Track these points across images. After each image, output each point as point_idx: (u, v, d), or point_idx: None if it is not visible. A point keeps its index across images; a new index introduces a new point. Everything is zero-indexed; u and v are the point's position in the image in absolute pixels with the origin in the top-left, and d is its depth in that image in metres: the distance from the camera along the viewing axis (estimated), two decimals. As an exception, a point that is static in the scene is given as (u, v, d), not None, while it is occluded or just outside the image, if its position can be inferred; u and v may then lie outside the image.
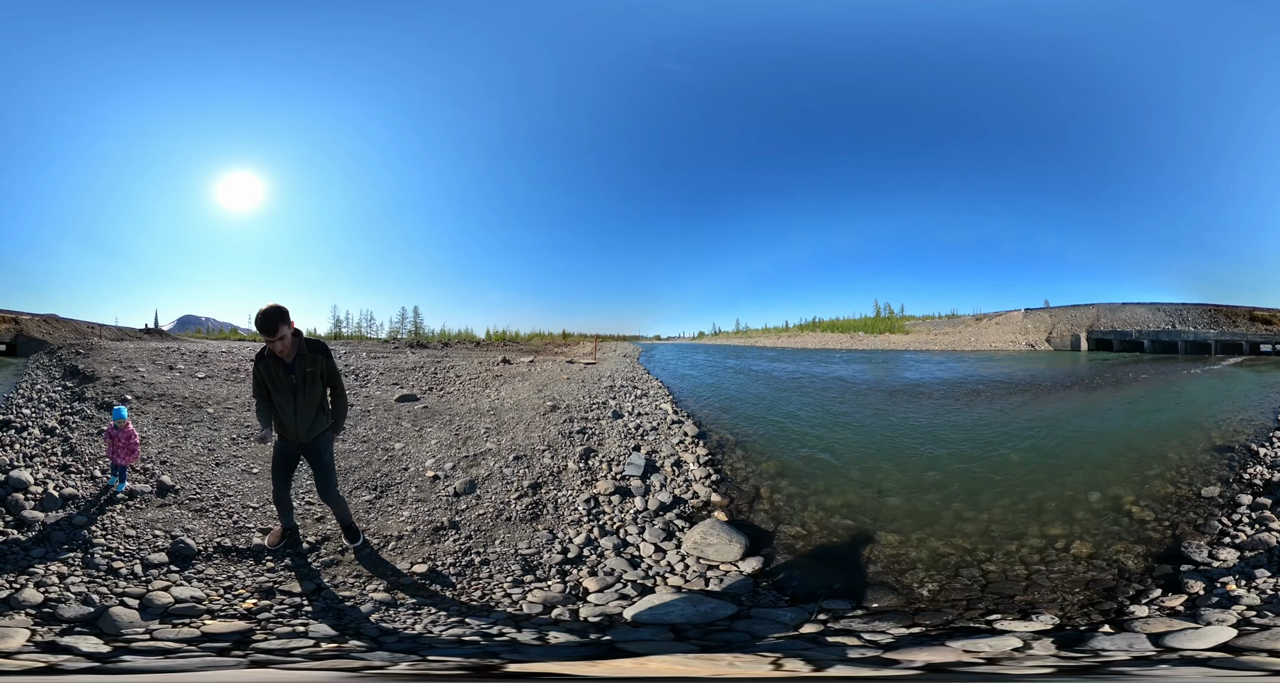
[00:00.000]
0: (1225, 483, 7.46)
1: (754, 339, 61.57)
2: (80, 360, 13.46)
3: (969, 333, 50.91)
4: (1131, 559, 5.81)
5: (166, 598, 4.87)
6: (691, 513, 7.33)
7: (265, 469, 7.70)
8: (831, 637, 4.46)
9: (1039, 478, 8.00)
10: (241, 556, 5.74)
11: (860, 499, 7.51)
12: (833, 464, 8.93)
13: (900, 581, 5.64)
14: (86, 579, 5.01)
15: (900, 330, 54.56)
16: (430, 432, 9.92)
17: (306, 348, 5.54)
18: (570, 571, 5.92)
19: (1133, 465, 8.30)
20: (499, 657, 4.03)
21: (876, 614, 4.98)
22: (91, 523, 5.89)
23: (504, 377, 16.94)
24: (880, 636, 4.44)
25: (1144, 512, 6.79)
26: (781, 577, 5.86)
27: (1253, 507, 6.70)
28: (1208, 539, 6.08)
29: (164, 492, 6.76)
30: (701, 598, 5.31)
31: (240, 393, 11.81)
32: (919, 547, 6.24)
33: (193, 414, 9.92)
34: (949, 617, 4.90)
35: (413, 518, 6.78)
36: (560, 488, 7.73)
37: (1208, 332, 41.10)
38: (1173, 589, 5.17)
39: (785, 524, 6.98)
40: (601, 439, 9.66)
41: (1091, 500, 7.16)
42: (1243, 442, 9.07)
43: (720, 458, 9.25)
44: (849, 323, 59.15)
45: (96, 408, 9.64)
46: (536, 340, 57.75)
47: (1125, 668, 3.65)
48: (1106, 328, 46.04)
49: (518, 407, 11.88)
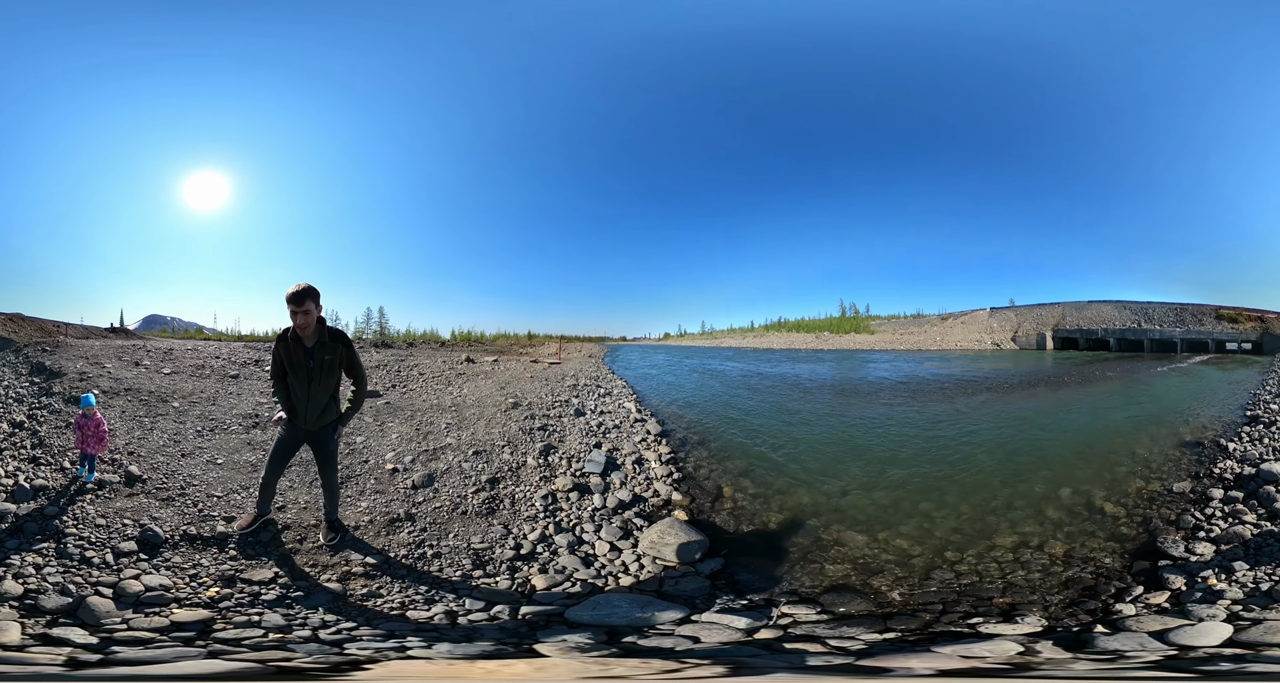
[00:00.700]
0: (1196, 478, 7.44)
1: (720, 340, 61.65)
2: (47, 357, 13.37)
3: (935, 332, 51.19)
4: (1108, 556, 5.72)
5: (138, 587, 4.93)
6: (651, 512, 7.27)
7: (229, 460, 7.90)
8: (791, 643, 4.30)
9: (1008, 476, 7.94)
10: (206, 544, 5.82)
11: (825, 499, 7.39)
12: (797, 464, 8.82)
13: (868, 583, 5.49)
14: (62, 569, 5.08)
15: (866, 330, 54.82)
16: (391, 426, 10.03)
17: (329, 336, 5.68)
18: (520, 567, 5.93)
19: (1102, 462, 8.26)
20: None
21: (843, 619, 4.83)
22: (63, 514, 5.94)
23: (467, 375, 17.04)
24: (849, 642, 4.30)
25: (1116, 508, 6.72)
26: (741, 579, 5.73)
27: (1225, 500, 6.64)
28: (1182, 534, 6.02)
29: (132, 481, 6.80)
30: (650, 600, 5.20)
31: (205, 388, 11.85)
32: (886, 548, 6.11)
33: (158, 408, 9.96)
34: (926, 620, 4.79)
35: (370, 509, 6.90)
36: (518, 484, 7.82)
37: (1174, 330, 41.22)
38: (1154, 586, 5.10)
39: (747, 524, 6.89)
40: (563, 436, 9.78)
41: (1062, 498, 7.08)
42: (1211, 438, 9.02)
43: (683, 456, 9.18)
44: (814, 323, 59.37)
45: (64, 402, 9.55)
46: (502, 341, 57.49)
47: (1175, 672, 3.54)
48: (1072, 326, 46.12)
49: (479, 403, 12.02)
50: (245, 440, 8.79)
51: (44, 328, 24.83)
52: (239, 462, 7.93)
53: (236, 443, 8.66)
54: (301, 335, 5.66)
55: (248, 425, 9.49)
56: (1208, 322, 42.23)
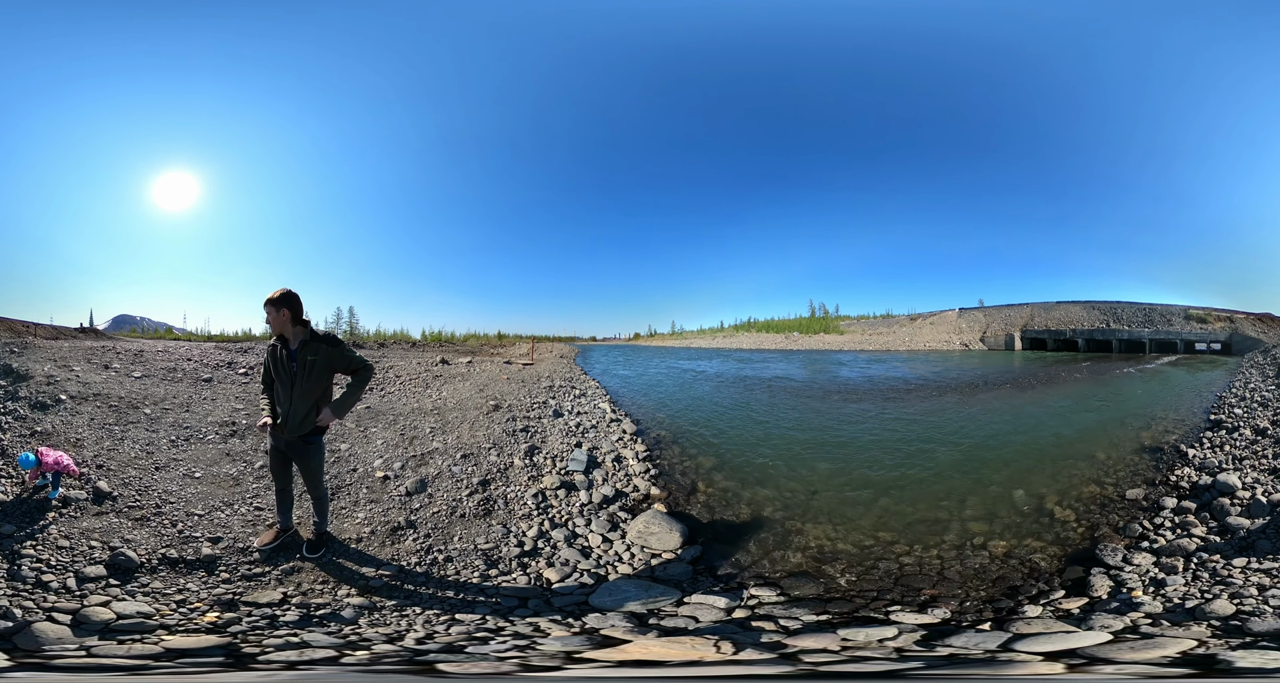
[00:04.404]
0: (1151, 485, 7.24)
1: (689, 340, 61.68)
2: (14, 359, 12.51)
3: (904, 333, 51.47)
4: (1044, 559, 5.66)
5: (107, 614, 4.35)
6: (633, 505, 7.32)
7: (208, 474, 7.31)
8: (755, 621, 4.54)
9: (967, 476, 7.91)
10: (191, 567, 5.23)
11: (792, 493, 7.48)
12: (766, 460, 8.91)
13: (822, 570, 5.63)
14: (10, 593, 4.51)
15: (835, 331, 55.11)
16: (375, 432, 9.56)
17: (311, 336, 5.36)
18: (529, 563, 5.84)
19: (1060, 465, 8.17)
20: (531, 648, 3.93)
21: (795, 601, 5.05)
22: (20, 532, 5.35)
23: (444, 377, 16.53)
24: (792, 622, 4.52)
25: (1065, 512, 6.63)
26: (716, 564, 5.90)
27: (1176, 511, 6.41)
28: (1125, 542, 5.84)
29: (100, 499, 6.13)
30: (650, 584, 5.42)
31: (178, 393, 11.12)
32: (844, 539, 6.21)
33: (129, 415, 9.24)
34: (857, 605, 4.93)
35: (369, 520, 6.51)
36: (509, 484, 7.61)
37: (1142, 331, 41.12)
38: (1076, 592, 5.01)
39: (720, 515, 7.02)
40: (544, 437, 9.56)
41: (1015, 499, 7.04)
42: (1172, 442, 8.87)
43: (658, 454, 9.25)
44: (784, 323, 59.67)
45: (30, 408, 8.83)
46: (473, 341, 56.94)
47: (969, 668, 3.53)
48: (1041, 327, 46.26)
49: (461, 406, 11.62)
50: (223, 451, 8.15)
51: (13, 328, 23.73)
52: (219, 475, 7.32)
53: (214, 454, 8.01)
54: (286, 338, 5.38)
55: (225, 434, 8.80)
56: (1177, 322, 42.01)
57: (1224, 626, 3.97)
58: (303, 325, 5.38)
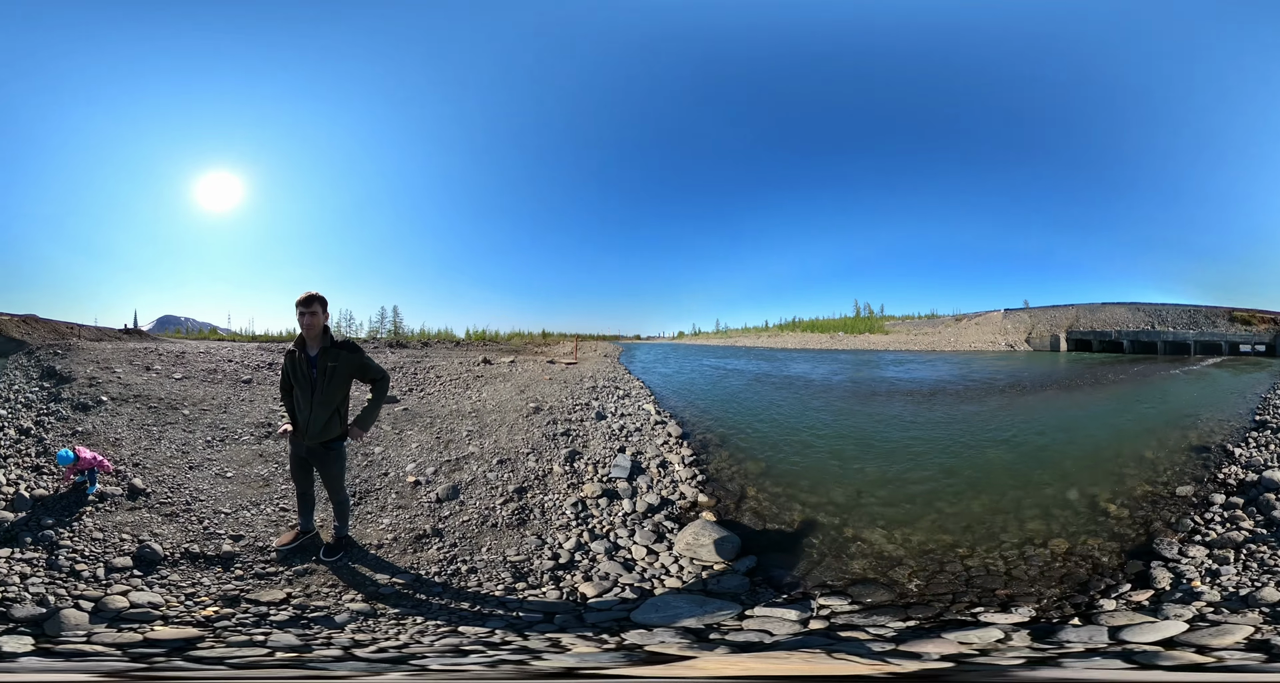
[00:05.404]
0: (1199, 482, 7.42)
1: (734, 339, 61.48)
2: (58, 361, 12.89)
3: (948, 333, 50.83)
4: (1105, 555, 5.79)
5: (122, 602, 4.60)
6: (679, 514, 7.08)
7: (239, 473, 7.41)
8: (843, 632, 4.40)
9: (1018, 477, 7.94)
10: (209, 562, 5.40)
11: (844, 497, 7.38)
12: (815, 463, 8.77)
13: (888, 576, 5.58)
14: (47, 581, 4.77)
15: (880, 330, 54.54)
16: (410, 435, 9.52)
17: (332, 343, 5.42)
18: (563, 576, 5.62)
19: (1110, 465, 8.25)
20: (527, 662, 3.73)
21: (872, 609, 4.93)
22: (59, 525, 5.64)
23: (485, 377, 16.51)
24: (882, 630, 4.42)
25: (1119, 510, 6.77)
26: (775, 575, 5.73)
27: (1225, 506, 6.63)
28: (1179, 537, 6.05)
29: (135, 495, 6.42)
30: (704, 599, 5.16)
31: (217, 395, 11.32)
32: (903, 543, 6.18)
33: (168, 416, 9.46)
34: (938, 611, 4.89)
35: (393, 526, 6.41)
36: (546, 492, 7.42)
37: (1187, 332, 40.94)
38: (1141, 584, 5.18)
39: (772, 523, 6.85)
40: (586, 441, 9.39)
41: (1069, 498, 7.10)
42: (1219, 442, 8.98)
43: (705, 458, 9.00)
44: (829, 323, 59.21)
45: (72, 409, 9.25)
46: (516, 340, 57.32)
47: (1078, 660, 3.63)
48: (1086, 328, 45.94)
49: (500, 408, 11.54)
50: (257, 452, 8.22)
51: (57, 330, 24.45)
52: (249, 475, 7.39)
53: (248, 455, 8.10)
54: (307, 340, 5.42)
55: (260, 435, 8.91)
56: (1221, 324, 42.23)
57: (1272, 612, 4.26)
58: (324, 331, 5.45)
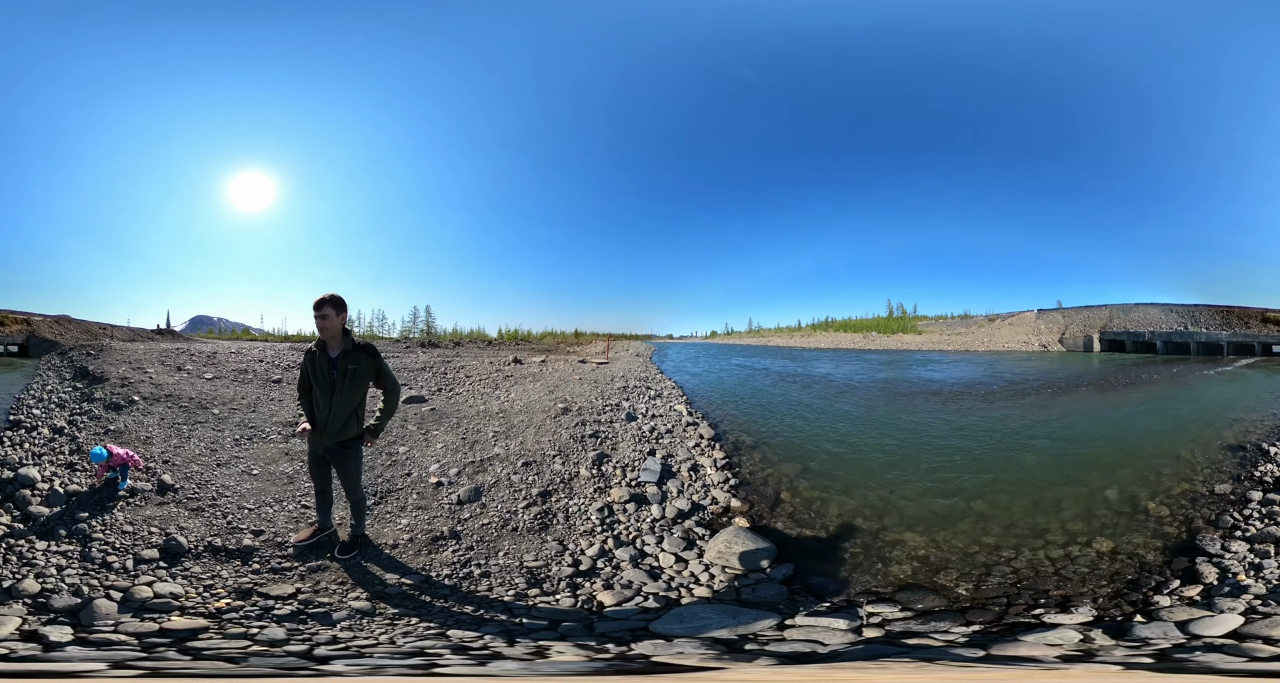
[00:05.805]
0: (1237, 480, 7.52)
1: (766, 339, 61.20)
2: (90, 362, 13.16)
3: (982, 333, 50.17)
4: (1150, 553, 5.85)
5: (147, 593, 4.81)
6: (711, 520, 6.91)
7: (265, 471, 7.54)
8: (906, 640, 4.28)
9: (1057, 477, 7.91)
10: (230, 556, 5.56)
11: (881, 501, 7.26)
12: (850, 465, 8.65)
13: (935, 580, 5.50)
14: (81, 572, 5.01)
15: (913, 330, 53.91)
16: (436, 435, 9.49)
17: (353, 346, 5.53)
18: (582, 584, 5.51)
19: (1148, 464, 8.27)
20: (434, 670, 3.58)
21: (927, 615, 4.84)
22: (92, 519, 5.89)
23: (515, 377, 16.47)
24: (947, 635, 4.34)
25: (1160, 508, 6.82)
26: (815, 583, 5.60)
27: (1263, 502, 6.77)
28: (1220, 533, 6.18)
29: (164, 490, 6.64)
30: (737, 609, 4.96)
31: (247, 394, 11.47)
32: (946, 547, 6.12)
33: (198, 415, 9.64)
34: (997, 612, 4.85)
35: (411, 526, 6.41)
36: (572, 496, 7.31)
37: (1220, 333, 40.52)
38: (1189, 580, 5.25)
39: (808, 528, 6.73)
40: (615, 443, 9.25)
41: (1109, 498, 7.12)
42: (1254, 441, 9.04)
43: (738, 461, 8.83)
44: (862, 323, 58.67)
45: (104, 408, 9.51)
46: (549, 339, 57.48)
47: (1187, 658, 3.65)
48: (1119, 329, 45.44)
49: (528, 409, 11.46)
50: (283, 450, 8.30)
51: (90, 330, 25.03)
52: (275, 473, 7.47)
53: (274, 453, 8.20)
54: (325, 341, 5.54)
55: (287, 434, 9.00)
56: (1254, 324, 41.81)
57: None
58: (344, 333, 5.55)
